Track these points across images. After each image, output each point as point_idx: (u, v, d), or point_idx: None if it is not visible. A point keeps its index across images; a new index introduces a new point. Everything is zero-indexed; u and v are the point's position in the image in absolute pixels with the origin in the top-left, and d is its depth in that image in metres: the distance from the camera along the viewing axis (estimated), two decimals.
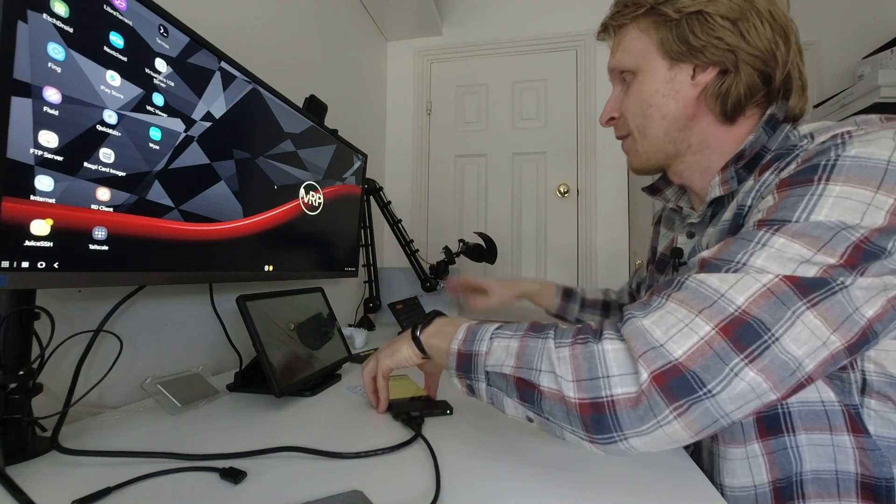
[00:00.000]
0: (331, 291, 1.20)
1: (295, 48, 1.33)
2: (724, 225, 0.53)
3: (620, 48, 0.59)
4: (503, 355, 0.46)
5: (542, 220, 2.02)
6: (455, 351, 0.50)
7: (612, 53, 0.62)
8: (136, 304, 0.75)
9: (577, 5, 2.03)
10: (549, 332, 0.45)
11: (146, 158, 0.60)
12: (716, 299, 0.38)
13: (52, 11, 0.48)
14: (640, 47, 0.57)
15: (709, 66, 0.53)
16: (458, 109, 2.14)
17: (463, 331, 0.51)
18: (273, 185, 0.91)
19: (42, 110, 0.47)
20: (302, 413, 0.64)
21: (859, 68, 1.65)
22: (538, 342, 0.45)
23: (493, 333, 0.49)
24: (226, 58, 0.75)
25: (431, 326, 0.57)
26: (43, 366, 0.52)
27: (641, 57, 0.57)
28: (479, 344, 0.48)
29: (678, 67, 0.55)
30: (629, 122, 0.60)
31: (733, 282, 0.39)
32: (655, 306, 0.41)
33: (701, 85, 0.54)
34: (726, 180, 0.55)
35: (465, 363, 0.49)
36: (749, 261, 0.39)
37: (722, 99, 0.54)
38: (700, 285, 0.40)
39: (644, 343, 0.38)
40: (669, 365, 0.37)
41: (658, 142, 0.58)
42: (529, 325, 0.48)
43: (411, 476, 0.45)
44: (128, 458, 0.47)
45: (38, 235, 0.47)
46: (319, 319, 0.86)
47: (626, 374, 0.38)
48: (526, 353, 0.44)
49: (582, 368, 0.40)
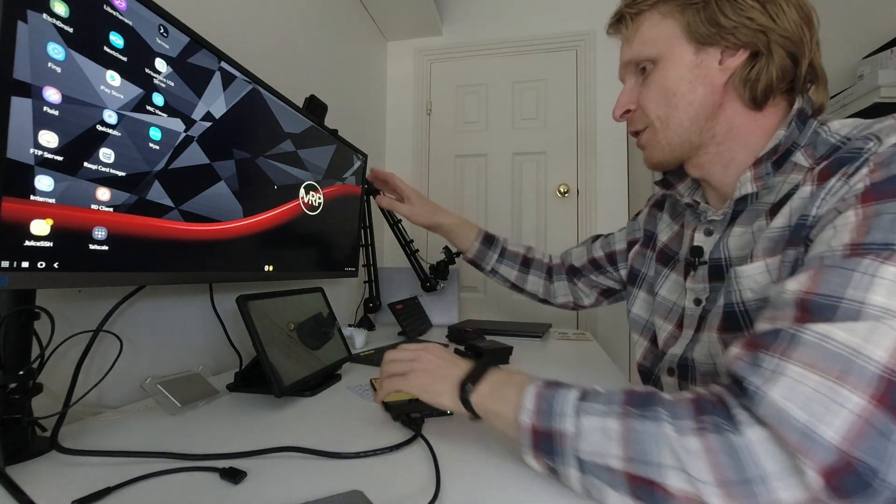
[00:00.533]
0: (331, 291, 1.20)
1: (295, 48, 1.33)
2: (776, 233, 0.48)
3: (638, 37, 0.57)
4: (602, 441, 0.38)
5: (542, 219, 2.02)
6: (528, 426, 0.42)
7: (627, 44, 0.59)
8: (136, 304, 0.75)
9: (577, 5, 2.03)
10: (659, 410, 0.38)
11: (146, 158, 0.60)
12: (852, 359, 0.32)
13: (52, 11, 0.48)
14: (662, 33, 0.54)
15: (739, 49, 0.51)
16: (458, 109, 2.14)
17: (532, 397, 0.43)
18: (273, 185, 0.91)
19: (42, 110, 0.47)
20: (302, 413, 0.64)
21: (859, 68, 1.65)
22: (648, 425, 0.37)
23: (579, 407, 0.40)
24: (226, 58, 0.75)
25: (484, 385, 0.48)
26: (43, 366, 0.52)
27: (664, 44, 0.54)
28: (560, 420, 0.40)
29: (705, 52, 0.52)
30: (649, 114, 0.57)
31: (865, 333, 0.33)
32: (775, 371, 0.34)
33: (730, 70, 0.52)
34: (760, 176, 0.52)
35: (546, 444, 0.41)
36: (867, 298, 0.34)
37: (752, 84, 0.51)
38: (824, 340, 0.34)
39: (794, 429, 0.32)
40: (837, 457, 0.31)
41: (683, 131, 0.56)
42: (624, 396, 0.40)
43: (411, 476, 0.45)
44: (128, 458, 0.47)
45: (38, 235, 0.47)
46: (319, 319, 0.86)
47: (786, 474, 0.32)
48: (636, 440, 0.37)
49: (725, 467, 0.33)
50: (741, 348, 0.39)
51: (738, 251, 0.55)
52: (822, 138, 0.49)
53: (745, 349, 0.38)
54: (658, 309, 0.68)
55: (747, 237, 0.54)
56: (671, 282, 0.67)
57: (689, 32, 0.52)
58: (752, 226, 0.53)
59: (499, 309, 2.02)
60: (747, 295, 0.50)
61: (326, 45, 1.55)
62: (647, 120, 0.58)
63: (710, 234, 0.60)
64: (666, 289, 0.67)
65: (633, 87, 0.60)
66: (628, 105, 0.60)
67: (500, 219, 2.06)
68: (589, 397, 0.41)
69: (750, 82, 0.51)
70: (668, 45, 0.54)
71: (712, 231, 0.60)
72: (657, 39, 0.55)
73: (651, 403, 0.39)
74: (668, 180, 0.67)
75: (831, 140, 0.48)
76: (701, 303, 0.59)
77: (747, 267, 0.50)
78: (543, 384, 0.45)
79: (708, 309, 0.58)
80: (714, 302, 0.56)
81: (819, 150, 0.49)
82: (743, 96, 0.52)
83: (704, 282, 0.59)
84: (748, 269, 0.50)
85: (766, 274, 0.49)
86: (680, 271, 0.65)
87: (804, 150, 0.50)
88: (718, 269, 0.57)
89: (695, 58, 0.53)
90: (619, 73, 0.64)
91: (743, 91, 0.52)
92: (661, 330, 0.66)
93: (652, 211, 0.79)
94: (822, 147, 0.49)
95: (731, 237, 0.55)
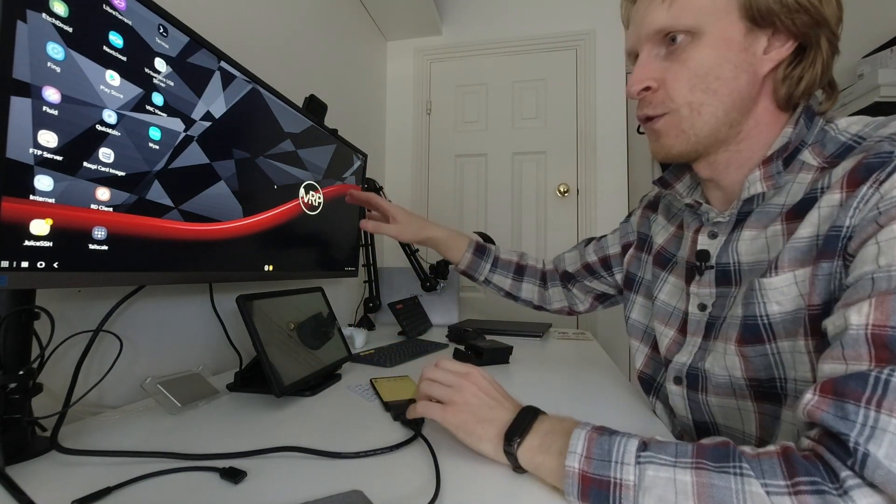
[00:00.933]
0: (331, 291, 1.20)
1: (295, 48, 1.33)
2: (804, 243, 0.45)
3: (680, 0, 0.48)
4: (671, 495, 0.33)
5: (542, 219, 2.02)
6: (577, 473, 0.37)
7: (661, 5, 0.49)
8: (136, 304, 0.75)
9: (576, 5, 2.03)
10: (743, 466, 0.33)
11: (146, 158, 0.60)
12: None
13: (52, 11, 0.48)
14: (711, 1, 0.47)
15: (789, 40, 0.46)
16: (458, 109, 2.14)
17: (583, 441, 0.39)
18: (273, 185, 0.91)
19: (42, 110, 0.47)
20: (302, 413, 0.64)
21: (859, 67, 1.65)
22: (731, 482, 0.33)
23: (642, 457, 0.36)
24: (225, 57, 0.75)
25: (532, 437, 0.43)
26: (43, 366, 0.52)
27: (710, 14, 0.46)
28: (619, 469, 0.36)
29: (755, 34, 0.46)
30: (676, 98, 0.50)
31: None
32: (873, 426, 0.31)
33: (773, 61, 0.47)
34: (771, 175, 0.49)
35: (599, 494, 0.36)
36: None
37: (791, 82, 0.47)
38: None
39: None
40: None
41: (715, 122, 0.49)
42: (696, 449, 0.36)
43: (412, 476, 0.45)
44: (128, 458, 0.47)
45: (38, 235, 0.47)
46: (319, 319, 0.86)
47: None
48: (714, 496, 0.32)
49: None
50: (821, 395, 0.35)
51: (750, 256, 0.52)
52: (831, 136, 0.47)
53: (827, 397, 0.34)
54: (657, 313, 0.65)
55: (760, 242, 0.50)
56: (670, 285, 0.64)
57: (746, 6, 0.45)
58: (766, 231, 0.50)
59: (499, 309, 2.02)
60: (773, 308, 0.47)
61: (326, 45, 1.54)
62: (671, 105, 0.51)
63: (714, 236, 0.57)
64: (665, 293, 0.65)
65: (654, 60, 0.51)
66: (649, 81, 0.51)
67: (499, 219, 2.06)
68: (652, 447, 0.37)
69: (790, 79, 0.47)
70: (717, 16, 0.46)
71: (717, 233, 0.56)
72: (704, 7, 0.47)
73: (730, 457, 0.34)
74: (665, 179, 0.64)
75: (841, 138, 0.46)
76: (706, 308, 0.57)
77: (774, 279, 0.46)
78: (594, 428, 0.41)
79: (716, 315, 0.55)
80: (723, 308, 0.54)
81: (828, 148, 0.47)
82: (778, 93, 0.48)
83: (711, 287, 0.56)
84: (775, 280, 0.46)
85: (795, 286, 0.45)
86: (679, 274, 0.63)
87: (812, 148, 0.48)
88: (727, 274, 0.54)
89: (744, 39, 0.47)
90: (630, 41, 0.55)
91: (780, 87, 0.48)
92: (663, 335, 0.63)
93: (645, 213, 0.77)
94: (832, 145, 0.47)
95: (742, 241, 0.52)
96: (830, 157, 0.46)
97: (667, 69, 0.50)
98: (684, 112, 0.50)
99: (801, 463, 0.32)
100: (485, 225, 2.06)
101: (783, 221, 0.49)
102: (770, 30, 0.46)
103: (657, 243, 0.70)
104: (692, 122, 0.50)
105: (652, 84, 0.52)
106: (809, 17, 0.45)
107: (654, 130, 0.54)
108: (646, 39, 0.52)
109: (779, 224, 0.49)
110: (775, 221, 0.49)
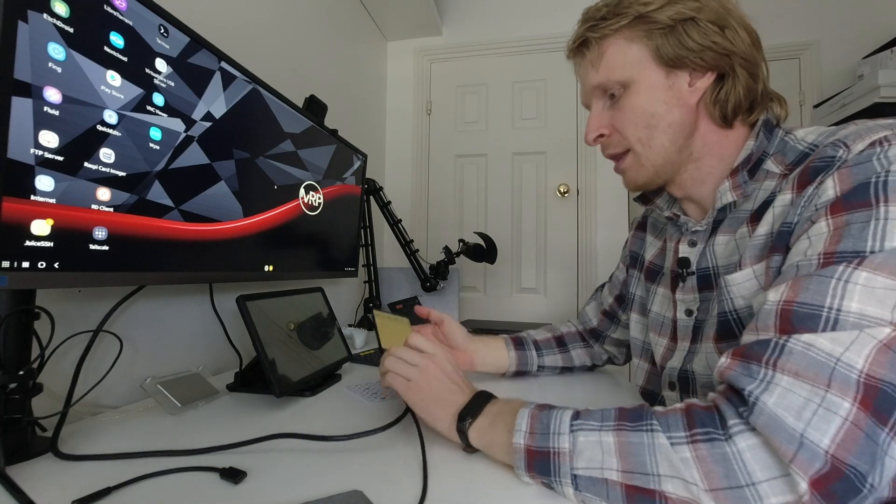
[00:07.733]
0: (331, 291, 1.20)
1: (295, 48, 1.33)
2: (761, 240, 0.50)
3: (604, 62, 0.57)
4: (598, 455, 0.39)
5: (541, 220, 2.02)
6: (522, 448, 0.43)
7: (591, 69, 0.58)
8: (136, 304, 0.75)
9: (576, 5, 2.02)
10: (652, 423, 0.39)
11: (146, 158, 0.60)
12: (836, 367, 0.34)
13: (53, 11, 0.48)
14: (631, 58, 0.55)
15: (707, 72, 0.53)
16: (458, 109, 2.14)
17: (526, 418, 0.44)
18: (273, 185, 0.91)
19: (42, 110, 0.47)
20: (302, 413, 0.64)
21: (859, 68, 1.65)
22: (643, 437, 0.38)
23: (574, 425, 0.42)
24: (226, 58, 0.75)
25: (483, 418, 0.48)
26: (43, 366, 0.52)
27: (634, 68, 0.55)
28: (556, 439, 0.41)
29: (675, 75, 0.54)
30: (628, 137, 0.58)
31: (847, 342, 0.35)
32: (765, 380, 0.36)
33: (699, 91, 0.54)
34: (739, 185, 0.54)
35: (541, 463, 0.41)
36: (843, 305, 0.36)
37: (721, 104, 0.54)
38: (809, 349, 0.36)
39: (787, 437, 0.33)
40: (827, 464, 0.32)
41: (665, 151, 0.57)
42: (617, 412, 0.42)
43: (412, 476, 0.45)
44: (127, 458, 0.47)
45: (39, 235, 0.47)
46: (319, 319, 0.86)
47: (775, 480, 0.34)
48: (632, 452, 0.38)
49: (716, 475, 0.35)
50: (731, 358, 0.40)
51: (725, 259, 0.56)
52: (791, 146, 0.52)
53: (737, 359, 0.40)
54: (652, 325, 0.68)
55: (732, 245, 0.55)
56: (660, 296, 0.67)
57: (659, 56, 0.54)
58: (735, 234, 0.55)
59: (499, 309, 2.02)
60: (739, 303, 0.51)
61: (326, 45, 1.55)
62: (626, 143, 0.58)
63: (694, 244, 0.61)
64: (657, 304, 0.67)
65: (602, 112, 0.60)
66: (601, 129, 0.60)
67: (499, 219, 2.06)
68: (582, 416, 0.43)
69: (720, 102, 0.54)
70: (639, 68, 0.55)
71: (696, 242, 0.61)
72: (626, 64, 0.55)
73: (643, 417, 0.40)
74: (646, 195, 0.68)
75: (799, 147, 0.51)
76: (693, 313, 0.60)
77: (736, 275, 0.51)
78: (537, 406, 0.46)
79: (702, 319, 0.58)
80: (707, 312, 0.57)
81: (788, 156, 0.52)
82: (713, 115, 0.55)
83: (694, 292, 0.60)
84: (737, 276, 0.51)
85: (755, 280, 0.50)
86: (666, 284, 0.66)
87: (774, 158, 0.53)
88: (707, 279, 0.58)
89: (666, 80, 0.54)
90: (582, 98, 0.64)
91: (714, 110, 0.54)
92: (657, 345, 0.66)
93: (637, 234, 0.79)
94: (791, 154, 0.52)
95: (717, 245, 0.57)
96: (790, 165, 0.51)
97: (613, 116, 0.59)
98: (638, 148, 0.58)
99: (699, 415, 0.38)
100: (485, 225, 2.06)
101: (748, 224, 0.53)
102: (687, 69, 0.54)
103: (647, 259, 0.73)
104: (647, 155, 0.57)
105: (604, 131, 0.60)
106: (716, 53, 0.52)
107: (621, 169, 0.62)
108: (591, 95, 0.61)
109: (745, 227, 0.54)
110: (743, 225, 0.54)
